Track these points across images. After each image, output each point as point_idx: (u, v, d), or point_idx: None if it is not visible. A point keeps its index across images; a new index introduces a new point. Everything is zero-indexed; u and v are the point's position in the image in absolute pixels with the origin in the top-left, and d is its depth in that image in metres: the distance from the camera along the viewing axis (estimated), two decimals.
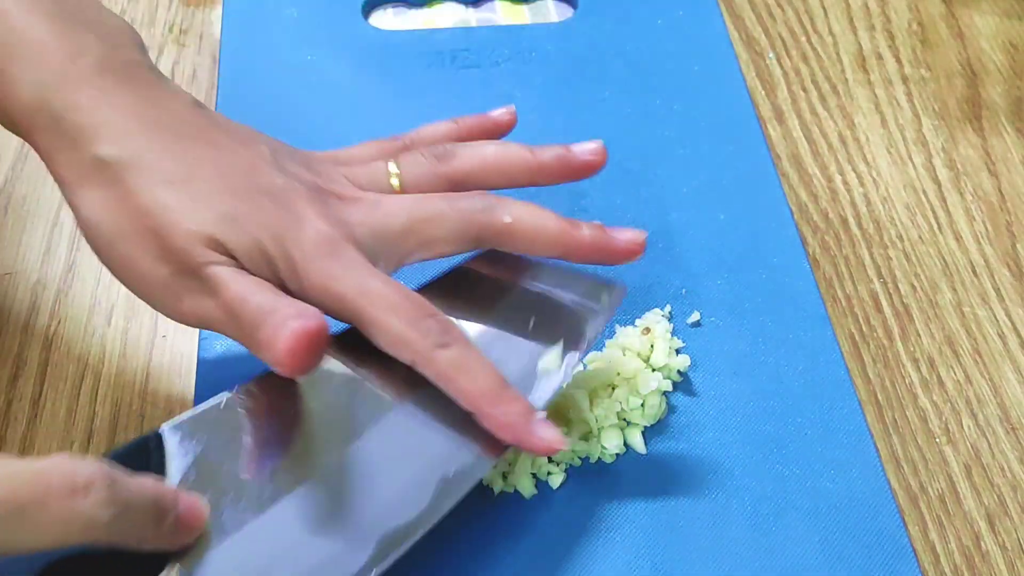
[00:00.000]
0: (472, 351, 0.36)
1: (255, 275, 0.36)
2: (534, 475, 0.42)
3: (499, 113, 0.45)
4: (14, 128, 0.38)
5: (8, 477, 0.28)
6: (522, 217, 0.39)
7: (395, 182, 0.41)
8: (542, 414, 0.36)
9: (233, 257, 0.36)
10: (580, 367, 0.44)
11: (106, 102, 0.37)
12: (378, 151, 0.43)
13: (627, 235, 0.40)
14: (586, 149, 0.42)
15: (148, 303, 0.38)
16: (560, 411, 0.43)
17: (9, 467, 0.28)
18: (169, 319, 0.38)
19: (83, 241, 0.50)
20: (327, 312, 0.36)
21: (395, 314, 0.36)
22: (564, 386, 0.40)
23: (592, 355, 0.44)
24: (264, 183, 0.38)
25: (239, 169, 0.38)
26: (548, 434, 0.36)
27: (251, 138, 0.40)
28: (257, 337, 0.35)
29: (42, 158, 0.38)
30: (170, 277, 0.36)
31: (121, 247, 0.36)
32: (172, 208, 0.36)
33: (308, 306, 0.35)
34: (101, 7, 0.39)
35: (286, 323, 0.34)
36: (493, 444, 0.36)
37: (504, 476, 0.41)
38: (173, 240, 0.36)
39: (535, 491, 0.41)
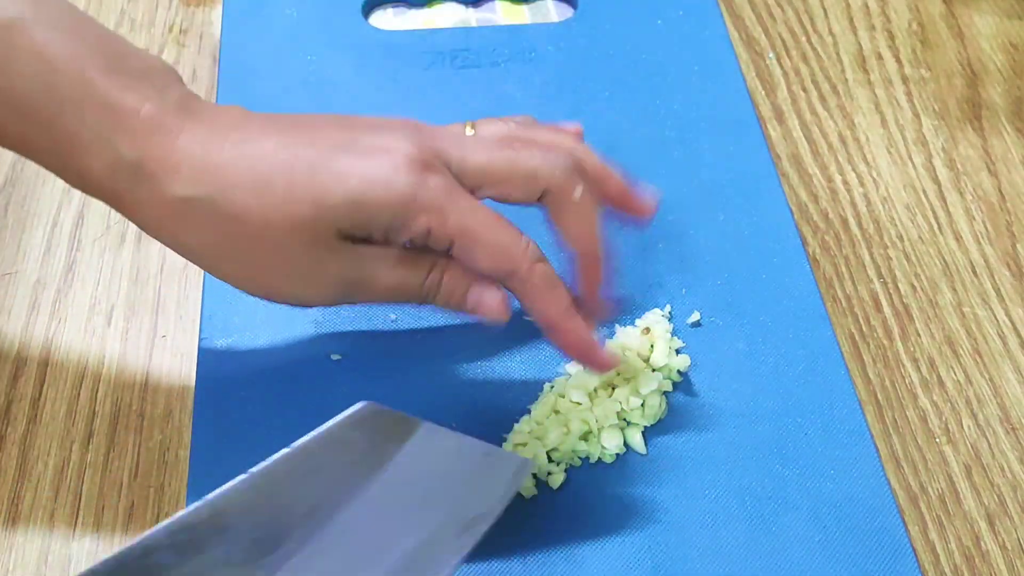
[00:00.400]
0: (552, 268, 0.39)
1: (380, 229, 0.37)
2: (534, 475, 0.42)
3: (567, 124, 0.45)
4: (91, 189, 0.38)
5: None
6: (586, 199, 0.40)
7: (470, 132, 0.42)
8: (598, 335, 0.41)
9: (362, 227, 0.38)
10: (580, 367, 0.44)
11: (180, 143, 0.37)
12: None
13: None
14: (646, 205, 0.43)
15: (295, 302, 0.40)
16: (561, 409, 0.43)
17: None
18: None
19: (83, 241, 0.51)
20: (435, 238, 0.38)
21: (501, 232, 0.38)
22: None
23: None
24: (358, 129, 0.39)
25: (327, 132, 0.39)
26: (609, 354, 0.41)
27: (317, 116, 0.41)
28: (450, 305, 0.39)
29: (126, 213, 0.38)
30: (310, 273, 0.38)
31: (247, 262, 0.38)
32: (287, 210, 0.37)
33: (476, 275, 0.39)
34: (137, 49, 0.39)
35: (483, 298, 0.39)
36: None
37: None
38: (302, 237, 0.37)
39: (535, 491, 0.41)
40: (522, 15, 0.62)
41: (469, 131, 0.42)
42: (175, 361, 0.47)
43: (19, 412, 0.45)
